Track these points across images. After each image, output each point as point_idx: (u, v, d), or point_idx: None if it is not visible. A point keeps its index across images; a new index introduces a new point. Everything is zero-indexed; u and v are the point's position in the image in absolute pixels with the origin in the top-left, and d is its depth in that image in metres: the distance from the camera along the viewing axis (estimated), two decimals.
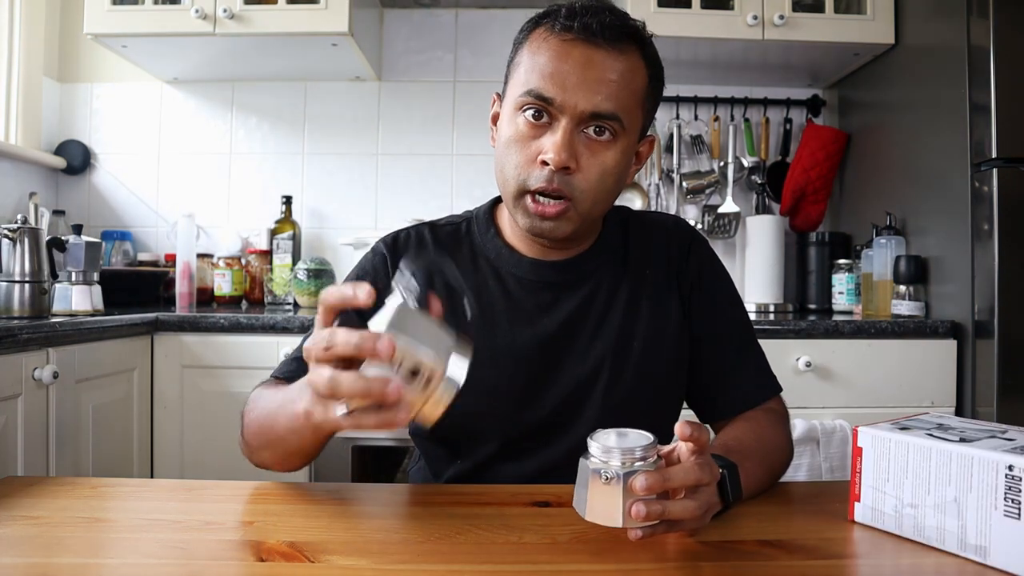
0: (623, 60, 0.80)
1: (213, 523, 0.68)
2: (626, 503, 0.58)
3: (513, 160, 0.82)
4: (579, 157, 0.80)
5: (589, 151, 0.80)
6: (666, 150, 2.41)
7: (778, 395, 0.95)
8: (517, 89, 0.82)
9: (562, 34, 0.80)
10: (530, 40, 0.83)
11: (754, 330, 0.98)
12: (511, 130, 0.82)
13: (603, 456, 0.60)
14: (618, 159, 0.82)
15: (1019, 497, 0.57)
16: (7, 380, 1.29)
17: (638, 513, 0.57)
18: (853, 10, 2.09)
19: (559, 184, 0.79)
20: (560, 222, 0.82)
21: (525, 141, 0.81)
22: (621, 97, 0.79)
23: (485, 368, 0.88)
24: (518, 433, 0.89)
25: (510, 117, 0.83)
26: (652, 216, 1.00)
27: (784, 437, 0.88)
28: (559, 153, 0.78)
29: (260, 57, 2.23)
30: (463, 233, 0.95)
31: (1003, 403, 1.59)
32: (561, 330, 0.89)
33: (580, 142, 0.80)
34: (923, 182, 1.90)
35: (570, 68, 0.78)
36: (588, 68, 0.78)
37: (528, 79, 0.80)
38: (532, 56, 0.81)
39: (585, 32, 0.78)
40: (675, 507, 0.59)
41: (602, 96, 0.78)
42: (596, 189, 0.81)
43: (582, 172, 0.80)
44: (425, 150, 2.45)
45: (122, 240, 2.37)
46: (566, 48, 0.79)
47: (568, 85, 0.78)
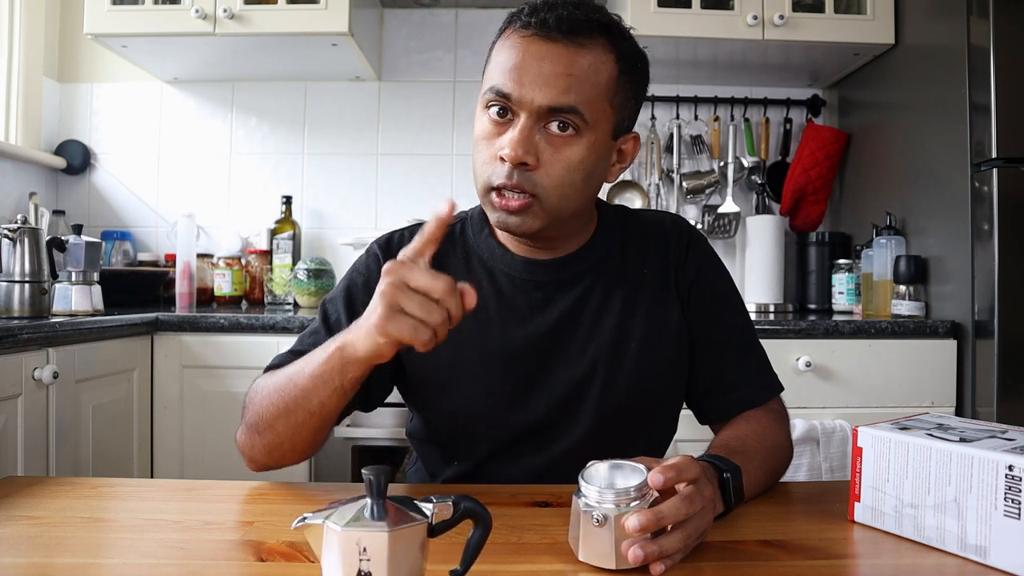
0: (583, 54, 0.79)
1: (213, 523, 0.68)
2: (619, 544, 0.57)
3: (480, 157, 0.83)
4: (540, 153, 0.79)
5: (552, 147, 0.79)
6: (666, 150, 2.41)
7: (778, 396, 0.94)
8: (483, 87, 0.83)
9: (522, 31, 0.80)
10: (500, 40, 0.83)
11: (754, 328, 0.97)
12: (479, 128, 0.83)
13: (594, 496, 0.58)
14: (584, 155, 0.80)
15: (1019, 497, 0.57)
16: (7, 380, 1.29)
17: (636, 558, 0.57)
18: (853, 10, 2.09)
19: (519, 180, 0.79)
20: (525, 217, 0.81)
21: (490, 138, 0.82)
22: (581, 91, 0.78)
23: (477, 368, 0.88)
24: (512, 435, 0.88)
25: (479, 116, 0.84)
26: (650, 214, 0.99)
27: (785, 436, 0.88)
28: (515, 149, 0.78)
29: (260, 57, 2.23)
30: (457, 233, 0.94)
31: (1003, 403, 1.59)
32: (554, 330, 0.88)
33: (541, 138, 0.79)
34: (923, 182, 1.90)
35: (527, 64, 0.78)
36: (543, 63, 0.78)
37: (491, 77, 0.81)
38: (497, 55, 0.82)
39: (542, 28, 0.79)
40: (670, 543, 0.58)
41: (558, 90, 0.77)
42: (561, 184, 0.80)
43: (544, 168, 0.79)
44: (425, 150, 2.45)
45: (122, 240, 2.37)
46: (524, 44, 0.79)
47: (525, 81, 0.78)
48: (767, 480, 0.80)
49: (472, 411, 0.89)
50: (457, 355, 0.87)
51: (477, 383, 0.88)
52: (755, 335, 0.96)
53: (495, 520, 0.56)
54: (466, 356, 0.87)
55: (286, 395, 0.76)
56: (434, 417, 0.93)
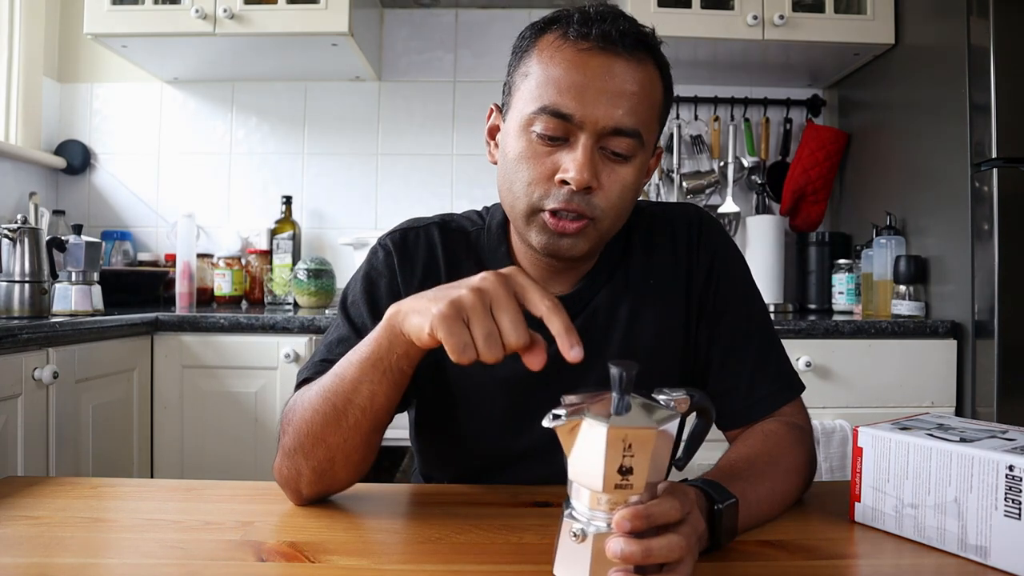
0: (642, 70, 0.74)
1: (213, 523, 0.68)
2: (594, 565, 0.51)
3: (524, 177, 0.75)
4: (599, 175, 0.74)
5: (609, 168, 0.75)
6: (666, 150, 2.40)
7: (798, 399, 0.87)
8: (528, 104, 0.75)
9: (578, 42, 0.73)
10: (539, 48, 0.76)
11: (771, 323, 0.90)
12: (520, 146, 0.76)
13: (580, 508, 0.53)
14: (636, 176, 0.76)
15: (1019, 497, 0.57)
16: (7, 380, 1.29)
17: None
18: (853, 10, 2.09)
19: (579, 204, 0.74)
20: (578, 239, 0.76)
21: (539, 158, 0.75)
22: (640, 111, 0.74)
23: (484, 393, 0.84)
24: (515, 454, 0.86)
25: (518, 132, 0.76)
26: (656, 211, 0.92)
27: (803, 460, 0.78)
28: (581, 173, 0.72)
29: (260, 57, 2.23)
30: (472, 242, 0.89)
31: (1003, 403, 1.59)
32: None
33: (599, 159, 0.74)
34: (923, 182, 1.90)
35: (589, 80, 0.72)
36: (608, 79, 0.72)
37: (542, 93, 0.73)
38: (544, 67, 0.74)
39: (604, 40, 0.72)
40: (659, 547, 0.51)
41: (623, 110, 0.72)
42: (617, 208, 0.76)
43: (603, 191, 0.74)
44: (425, 150, 2.45)
45: (122, 240, 2.37)
46: (583, 58, 0.73)
47: (587, 99, 0.72)
48: (774, 508, 0.72)
49: (477, 434, 0.87)
50: (466, 379, 0.84)
51: (483, 408, 0.85)
52: (771, 332, 0.89)
53: (495, 520, 0.56)
54: (475, 381, 0.84)
55: (336, 395, 0.68)
56: (438, 436, 0.92)
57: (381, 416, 0.69)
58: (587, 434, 0.50)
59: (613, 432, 0.49)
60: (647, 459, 0.50)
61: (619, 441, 0.49)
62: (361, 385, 0.67)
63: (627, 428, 0.49)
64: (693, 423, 0.54)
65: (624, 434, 0.49)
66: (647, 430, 0.50)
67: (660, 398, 0.55)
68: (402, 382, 0.67)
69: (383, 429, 0.72)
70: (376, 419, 0.69)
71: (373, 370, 0.66)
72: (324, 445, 0.69)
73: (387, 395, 0.68)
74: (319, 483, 0.72)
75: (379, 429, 0.71)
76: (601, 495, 0.51)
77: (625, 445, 0.49)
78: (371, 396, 0.67)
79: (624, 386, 0.50)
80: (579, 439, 0.51)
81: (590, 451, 0.50)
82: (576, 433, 0.51)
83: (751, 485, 0.68)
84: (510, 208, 0.80)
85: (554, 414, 0.51)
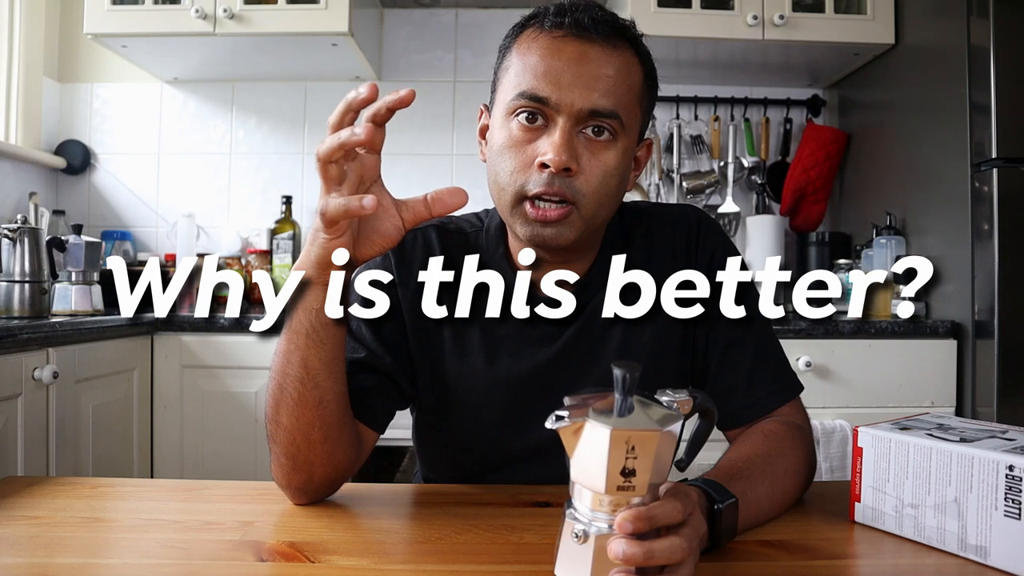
0: (617, 55, 0.76)
1: (213, 523, 0.68)
2: (596, 567, 0.51)
3: (507, 166, 0.77)
4: (579, 158, 0.75)
5: (589, 152, 0.76)
6: (666, 150, 2.40)
7: (797, 399, 0.87)
8: (508, 93, 0.77)
9: (552, 31, 0.76)
10: (518, 43, 0.79)
11: (770, 324, 0.90)
12: (503, 137, 0.77)
13: (582, 508, 0.53)
14: (619, 160, 0.77)
15: (1019, 497, 0.57)
16: (7, 380, 1.29)
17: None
18: (853, 10, 2.09)
19: (560, 187, 0.74)
20: (562, 227, 0.76)
21: (520, 145, 0.76)
22: (618, 93, 0.75)
23: (483, 396, 0.84)
24: (515, 455, 0.86)
25: (502, 123, 0.78)
26: (656, 212, 0.92)
27: (803, 461, 0.79)
28: (559, 154, 0.73)
29: (260, 57, 2.23)
30: (471, 242, 0.89)
31: (1003, 403, 1.59)
32: (561, 356, 0.85)
33: (579, 143, 0.75)
34: (923, 182, 1.90)
35: (564, 65, 0.74)
36: (583, 64, 0.74)
37: (520, 81, 0.76)
38: (522, 57, 0.77)
39: (577, 27, 0.75)
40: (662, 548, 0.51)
41: (599, 93, 0.74)
42: (599, 192, 0.76)
43: (584, 174, 0.75)
44: (425, 150, 2.44)
45: (122, 240, 2.36)
46: (558, 45, 0.75)
47: (563, 83, 0.74)
48: (774, 508, 0.72)
49: (476, 435, 0.87)
50: (464, 382, 0.85)
51: (482, 410, 0.86)
52: (772, 332, 0.90)
53: (495, 520, 0.56)
54: (474, 384, 0.85)
55: (277, 374, 0.70)
56: (438, 438, 0.92)
57: (324, 386, 0.69)
58: (590, 435, 0.50)
59: (616, 434, 0.49)
60: (650, 461, 0.50)
61: (622, 443, 0.49)
62: (292, 355, 0.68)
63: (630, 430, 0.49)
64: (696, 424, 0.54)
65: (627, 436, 0.49)
66: (650, 432, 0.50)
67: (663, 399, 0.55)
68: (331, 341, 0.68)
69: (337, 404, 0.71)
70: (319, 390, 0.69)
71: (296, 336, 0.67)
72: (282, 428, 0.70)
73: (321, 359, 0.68)
74: (298, 472, 0.72)
75: (328, 403, 0.70)
76: (603, 496, 0.51)
77: (628, 447, 0.49)
78: (303, 364, 0.68)
79: (627, 387, 0.50)
80: (582, 440, 0.51)
81: (593, 452, 0.50)
82: (579, 434, 0.51)
83: (751, 485, 0.68)
84: (498, 201, 0.81)
85: (557, 415, 0.51)
